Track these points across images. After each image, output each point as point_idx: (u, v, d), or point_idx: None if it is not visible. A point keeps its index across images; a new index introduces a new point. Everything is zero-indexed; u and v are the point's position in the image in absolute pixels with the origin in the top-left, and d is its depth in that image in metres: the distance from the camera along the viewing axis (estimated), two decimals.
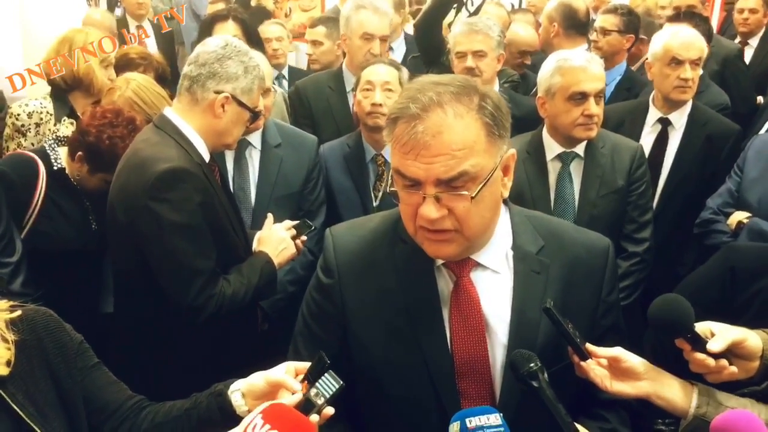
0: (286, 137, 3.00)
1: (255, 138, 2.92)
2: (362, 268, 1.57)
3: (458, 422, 1.31)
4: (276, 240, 2.45)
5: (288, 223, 2.52)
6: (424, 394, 1.51)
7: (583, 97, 2.70)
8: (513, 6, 6.58)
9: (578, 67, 2.72)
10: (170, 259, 2.17)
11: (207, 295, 2.19)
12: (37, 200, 2.65)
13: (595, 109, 2.70)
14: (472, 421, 1.30)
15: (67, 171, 2.72)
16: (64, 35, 3.40)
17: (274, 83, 3.80)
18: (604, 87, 2.74)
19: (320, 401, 1.38)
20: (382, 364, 1.53)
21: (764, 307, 1.88)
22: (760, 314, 1.85)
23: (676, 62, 3.18)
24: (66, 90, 3.32)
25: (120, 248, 2.38)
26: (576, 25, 4.32)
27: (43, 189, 2.65)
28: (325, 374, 1.40)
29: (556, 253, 1.56)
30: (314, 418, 1.36)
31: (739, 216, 2.86)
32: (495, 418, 1.30)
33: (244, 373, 1.54)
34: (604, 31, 4.16)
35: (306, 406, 1.37)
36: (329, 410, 1.38)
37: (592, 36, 4.22)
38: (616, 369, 1.48)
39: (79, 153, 2.63)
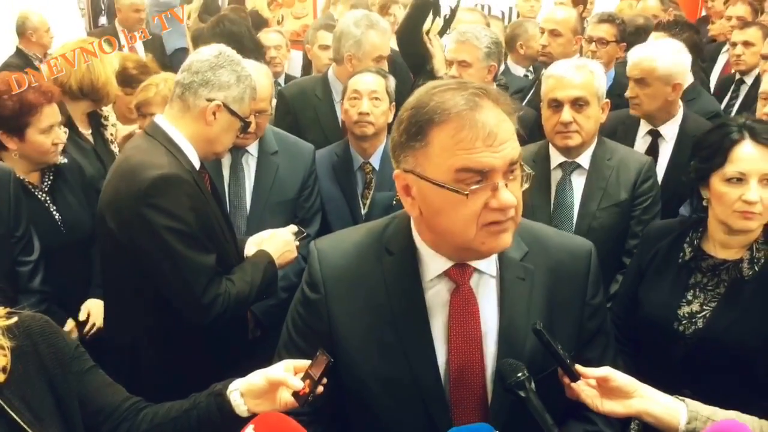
0: (283, 145, 3.00)
1: (252, 146, 2.92)
2: (349, 282, 1.54)
3: None
4: (281, 241, 2.46)
5: (293, 227, 2.54)
6: (413, 407, 1.50)
7: (557, 104, 2.71)
8: (503, 13, 6.62)
9: (555, 76, 2.74)
10: (171, 263, 2.16)
11: (213, 294, 2.20)
12: None
13: (568, 116, 2.68)
14: None
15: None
16: (77, 47, 3.42)
17: None
18: (584, 95, 2.69)
19: None
20: (371, 378, 1.51)
21: (663, 260, 2.25)
22: (660, 267, 2.25)
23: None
24: (77, 98, 3.33)
25: (110, 255, 2.37)
26: None
27: None
28: None
29: (540, 259, 1.56)
30: None
31: None
32: None
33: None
34: (604, 42, 4.15)
35: None
36: None
37: (591, 47, 4.17)
38: (605, 388, 1.49)
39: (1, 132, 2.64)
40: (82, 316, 2.79)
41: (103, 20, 7.88)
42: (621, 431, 1.67)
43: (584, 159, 2.81)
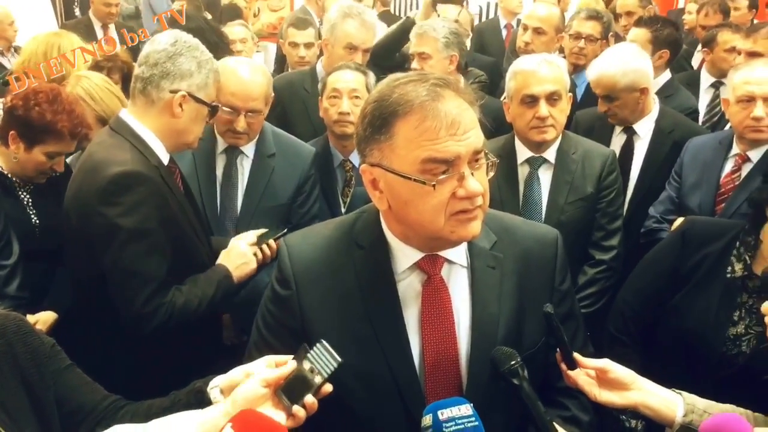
0: (281, 147, 2.90)
1: (249, 147, 2.83)
2: (320, 277, 1.54)
3: (430, 415, 1.33)
4: (236, 254, 2.37)
5: (253, 234, 2.43)
6: (389, 399, 1.51)
7: (533, 99, 2.69)
8: (481, 9, 6.61)
9: (528, 71, 2.71)
10: (120, 265, 2.10)
11: (156, 304, 2.12)
12: None
13: (546, 111, 2.67)
14: (444, 413, 1.31)
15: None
16: (47, 40, 3.33)
17: None
18: (558, 89, 2.69)
19: (318, 379, 1.34)
20: (347, 372, 1.48)
21: (710, 270, 2.09)
22: (707, 277, 2.10)
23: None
24: None
25: (75, 254, 2.31)
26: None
27: None
28: (317, 346, 1.35)
29: (509, 247, 1.59)
30: (309, 399, 1.34)
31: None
32: (466, 409, 1.32)
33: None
34: (592, 39, 4.13)
35: (300, 384, 1.35)
36: (328, 387, 1.36)
37: (580, 43, 4.14)
38: (603, 379, 1.52)
39: (12, 132, 2.56)
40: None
41: (76, 12, 7.72)
42: (595, 416, 1.69)
43: (550, 153, 2.80)
